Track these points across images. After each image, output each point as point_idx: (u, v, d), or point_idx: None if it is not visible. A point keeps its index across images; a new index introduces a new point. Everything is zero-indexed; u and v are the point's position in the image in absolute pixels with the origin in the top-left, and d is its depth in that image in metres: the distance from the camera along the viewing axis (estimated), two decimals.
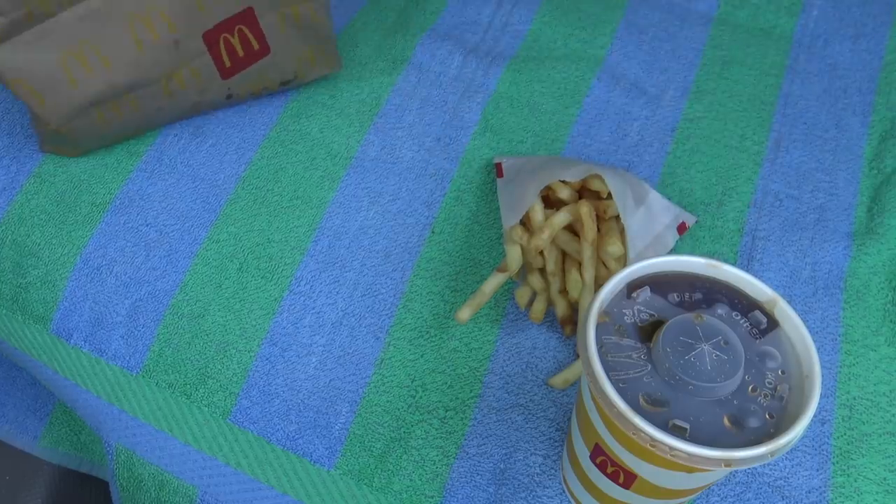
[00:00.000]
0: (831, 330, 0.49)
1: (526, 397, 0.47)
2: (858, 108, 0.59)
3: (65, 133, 0.51)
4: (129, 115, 0.52)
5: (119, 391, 0.47)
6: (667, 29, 0.63)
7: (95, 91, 0.49)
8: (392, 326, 0.49)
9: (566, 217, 0.46)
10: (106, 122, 0.51)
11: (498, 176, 0.54)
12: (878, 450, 0.45)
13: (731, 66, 0.61)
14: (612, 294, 0.35)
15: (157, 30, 0.48)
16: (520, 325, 0.49)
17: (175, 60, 0.50)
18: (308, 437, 0.45)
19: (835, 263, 0.51)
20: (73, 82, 0.48)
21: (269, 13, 0.52)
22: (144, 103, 0.51)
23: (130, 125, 0.53)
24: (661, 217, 0.51)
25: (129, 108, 0.51)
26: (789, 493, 0.44)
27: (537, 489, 0.44)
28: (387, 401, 0.46)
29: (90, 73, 0.48)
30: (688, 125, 0.58)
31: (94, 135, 0.52)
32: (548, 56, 0.61)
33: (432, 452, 0.45)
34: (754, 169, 0.56)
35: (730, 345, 0.33)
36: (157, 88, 0.51)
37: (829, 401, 0.47)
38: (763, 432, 0.32)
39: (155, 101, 0.52)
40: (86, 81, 0.48)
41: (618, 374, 0.33)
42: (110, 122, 0.51)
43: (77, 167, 0.55)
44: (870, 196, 0.54)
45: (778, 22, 0.63)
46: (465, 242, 0.52)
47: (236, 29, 0.51)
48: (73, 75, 0.48)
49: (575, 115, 0.58)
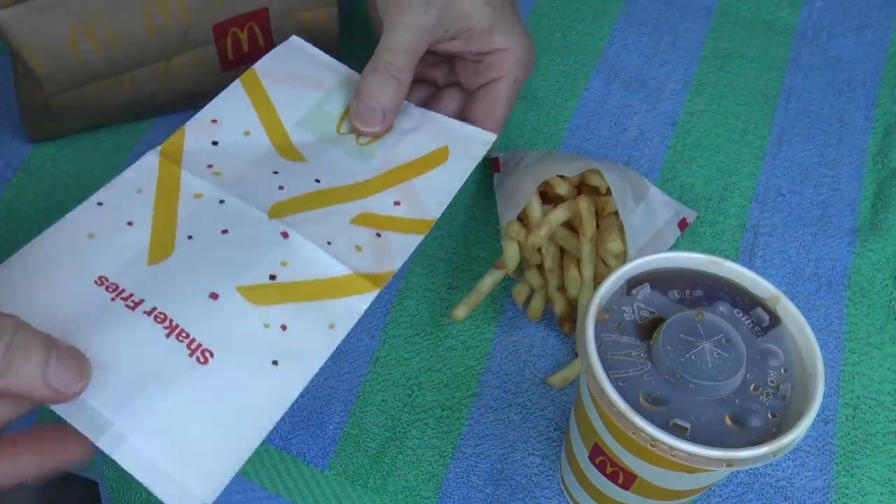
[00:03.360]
0: (835, 327, 0.49)
1: (524, 396, 0.46)
2: (862, 101, 0.58)
3: (54, 107, 0.50)
4: (122, 95, 0.52)
5: None
6: (667, 21, 0.62)
7: (96, 67, 0.49)
8: (387, 324, 0.49)
9: (564, 213, 0.46)
10: (98, 100, 0.51)
11: (495, 171, 0.53)
12: (883, 450, 0.45)
13: (732, 58, 0.60)
14: (611, 291, 0.35)
15: (171, 15, 0.49)
16: (517, 323, 0.49)
17: (180, 46, 0.50)
18: (301, 436, 0.45)
19: (838, 260, 0.51)
20: (77, 55, 0.48)
21: (283, 16, 0.52)
22: (140, 86, 0.51)
23: (121, 107, 0.53)
24: (661, 213, 0.51)
25: (124, 88, 0.51)
26: (792, 493, 0.43)
27: (535, 490, 0.43)
28: (382, 400, 0.46)
29: (96, 49, 0.48)
30: (688, 119, 0.57)
31: (83, 111, 0.52)
32: (546, 48, 0.61)
33: (428, 452, 0.44)
34: (756, 164, 0.55)
35: (731, 343, 0.33)
36: (155, 70, 0.51)
37: (833, 400, 0.46)
38: (765, 432, 0.32)
39: (150, 83, 0.52)
40: (89, 56, 0.48)
41: (617, 372, 0.33)
42: (101, 101, 0.51)
43: (66, 162, 0.54)
44: (874, 191, 0.54)
45: (780, 14, 0.63)
46: (461, 238, 0.52)
47: (247, 26, 0.52)
48: (79, 48, 0.48)
49: (573, 108, 0.58)
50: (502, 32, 0.48)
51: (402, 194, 0.44)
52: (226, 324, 0.36)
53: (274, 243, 0.39)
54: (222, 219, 0.40)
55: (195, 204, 0.40)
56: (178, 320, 0.35)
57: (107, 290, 0.36)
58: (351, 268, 0.39)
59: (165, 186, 0.41)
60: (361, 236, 0.41)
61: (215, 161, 0.42)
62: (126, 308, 0.35)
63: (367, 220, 0.42)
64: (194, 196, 0.40)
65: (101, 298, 0.36)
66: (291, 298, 0.38)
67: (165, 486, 0.32)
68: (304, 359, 0.36)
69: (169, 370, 0.34)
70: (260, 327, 0.37)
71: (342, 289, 0.39)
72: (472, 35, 0.47)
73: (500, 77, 0.49)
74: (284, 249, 0.39)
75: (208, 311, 0.36)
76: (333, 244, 0.40)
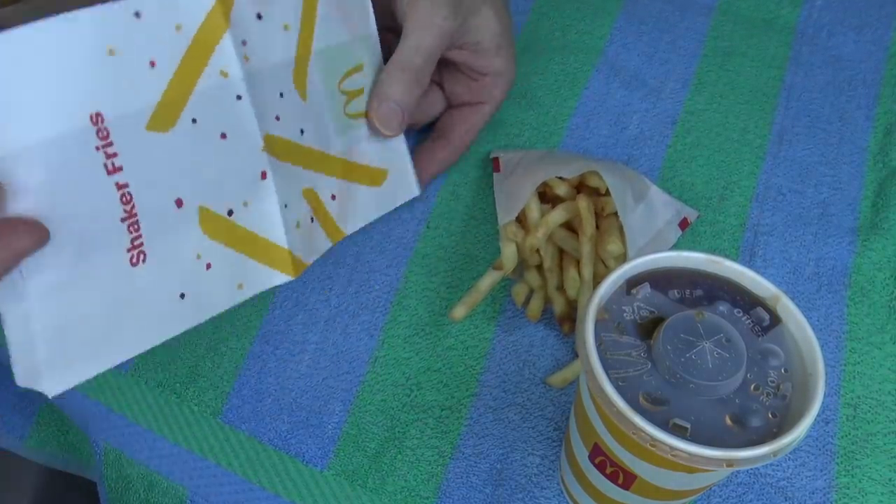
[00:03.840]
0: (835, 327, 0.48)
1: (523, 396, 0.46)
2: (863, 100, 0.58)
3: None
4: None
5: (107, 389, 0.47)
6: (667, 19, 0.62)
7: None
8: (386, 323, 0.48)
9: (562, 215, 0.46)
10: None
11: (495, 171, 0.53)
12: (884, 450, 0.44)
13: (732, 57, 0.60)
14: (611, 290, 0.35)
15: None
16: (517, 323, 0.48)
17: None
18: (300, 436, 0.45)
19: (839, 259, 0.51)
20: None
21: None
22: None
23: None
24: (662, 213, 0.51)
25: None
26: (792, 494, 0.43)
27: (535, 490, 0.43)
28: (381, 400, 0.46)
29: None
30: (689, 118, 0.57)
31: None
32: (545, 47, 0.60)
33: (427, 452, 0.44)
34: (757, 163, 0.55)
35: (731, 342, 0.33)
36: None
37: (833, 400, 0.46)
38: (766, 432, 0.31)
39: None
40: None
41: (617, 372, 0.33)
42: None
43: None
44: (874, 190, 0.54)
45: (781, 12, 0.63)
46: (461, 238, 0.52)
47: None
48: None
49: (573, 107, 0.58)
50: (504, 56, 0.49)
51: (341, 192, 0.42)
52: (171, 237, 0.35)
53: (251, 179, 0.37)
54: (229, 119, 0.36)
55: (216, 82, 0.36)
56: (138, 210, 0.33)
57: (97, 134, 0.32)
58: (289, 243, 0.38)
59: (204, 39, 0.35)
60: (303, 212, 0.40)
61: (250, 40, 0.37)
62: (102, 169, 0.32)
63: (311, 197, 0.41)
64: (220, 72, 0.36)
65: (87, 142, 0.32)
66: (231, 242, 0.37)
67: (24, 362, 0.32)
68: (204, 304, 0.36)
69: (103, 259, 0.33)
70: (193, 256, 0.36)
71: (271, 258, 0.38)
72: (478, 50, 0.48)
73: (487, 102, 0.50)
74: (255, 191, 0.37)
75: (166, 216, 0.35)
76: (288, 209, 0.39)
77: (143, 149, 0.34)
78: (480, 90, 0.50)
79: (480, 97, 0.51)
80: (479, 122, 0.51)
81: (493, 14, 0.48)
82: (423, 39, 0.44)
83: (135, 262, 0.34)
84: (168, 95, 0.34)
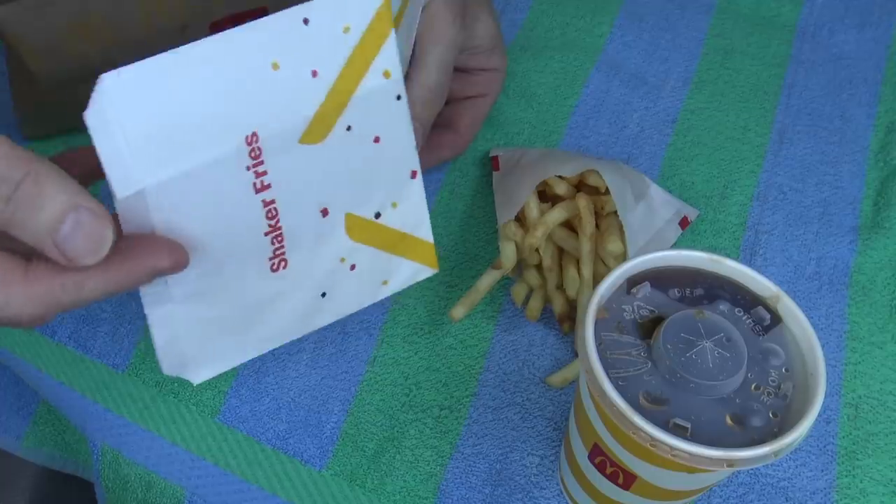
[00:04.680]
0: (836, 326, 0.48)
1: (523, 396, 0.46)
2: (864, 98, 0.58)
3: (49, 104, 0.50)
4: None
5: (105, 389, 0.46)
6: (667, 17, 0.62)
7: (92, 65, 0.49)
8: (385, 323, 0.48)
9: (561, 214, 0.45)
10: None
11: (494, 169, 0.53)
12: (885, 450, 0.44)
13: (733, 55, 0.60)
14: (611, 290, 0.35)
15: (168, 13, 0.48)
16: (516, 322, 0.48)
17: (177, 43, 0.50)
18: (299, 436, 0.45)
19: (840, 258, 0.51)
20: (73, 53, 0.48)
21: None
22: None
23: None
24: (662, 212, 0.51)
25: None
26: (793, 494, 0.43)
27: (534, 490, 0.43)
28: (380, 399, 0.46)
29: (92, 46, 0.48)
30: (689, 116, 0.57)
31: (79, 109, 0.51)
32: (545, 45, 0.60)
33: (426, 452, 0.44)
34: (757, 161, 0.55)
35: (732, 342, 0.33)
36: None
37: (834, 399, 0.46)
38: (766, 431, 0.31)
39: None
40: (85, 54, 0.48)
41: (617, 371, 0.32)
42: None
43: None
44: (876, 189, 0.54)
45: (781, 10, 0.63)
46: (460, 237, 0.52)
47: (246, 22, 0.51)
48: (75, 46, 0.47)
49: (573, 105, 0.58)
50: (498, 53, 0.53)
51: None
52: (315, 245, 0.35)
53: (402, 180, 0.36)
54: (385, 120, 0.35)
55: (378, 84, 0.34)
56: (283, 224, 0.34)
57: (249, 154, 0.31)
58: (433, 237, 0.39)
59: (371, 40, 0.33)
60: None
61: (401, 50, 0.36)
62: (251, 188, 0.32)
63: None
64: (384, 73, 0.34)
65: (239, 164, 0.31)
66: (377, 242, 0.37)
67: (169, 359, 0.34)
68: (346, 301, 0.37)
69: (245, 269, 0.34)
70: (337, 259, 0.36)
71: (417, 253, 0.38)
72: (476, 52, 0.51)
73: (487, 94, 0.54)
74: (404, 191, 0.37)
75: (311, 225, 0.35)
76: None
77: (292, 163, 0.33)
78: (477, 84, 0.53)
79: (480, 90, 0.54)
80: (484, 112, 0.54)
81: (490, 18, 0.51)
82: (443, 55, 0.47)
83: (275, 268, 0.35)
84: (325, 106, 0.33)
